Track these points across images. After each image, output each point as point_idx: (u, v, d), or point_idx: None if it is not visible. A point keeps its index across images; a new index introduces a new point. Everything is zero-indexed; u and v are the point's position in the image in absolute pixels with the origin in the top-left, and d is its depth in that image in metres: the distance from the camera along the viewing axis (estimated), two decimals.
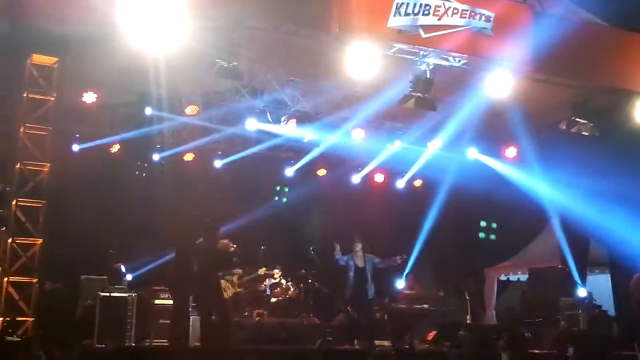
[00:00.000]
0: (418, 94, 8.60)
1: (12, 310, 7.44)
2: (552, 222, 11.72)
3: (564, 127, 9.47)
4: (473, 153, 11.69)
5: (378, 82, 8.72)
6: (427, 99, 8.67)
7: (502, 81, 8.41)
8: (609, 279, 12.03)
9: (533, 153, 10.77)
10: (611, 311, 11.41)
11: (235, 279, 9.80)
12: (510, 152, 11.36)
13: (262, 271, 10.31)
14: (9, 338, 6.82)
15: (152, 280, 9.29)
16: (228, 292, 9.60)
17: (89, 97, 8.87)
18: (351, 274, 9.28)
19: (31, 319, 7.47)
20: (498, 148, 11.51)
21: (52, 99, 7.93)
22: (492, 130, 10.87)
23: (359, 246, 9.44)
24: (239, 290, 9.88)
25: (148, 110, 9.56)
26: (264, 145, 11.07)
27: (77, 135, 9.94)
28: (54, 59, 7.89)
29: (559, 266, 11.54)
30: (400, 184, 12.81)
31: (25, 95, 7.91)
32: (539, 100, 9.32)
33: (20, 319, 7.48)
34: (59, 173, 7.96)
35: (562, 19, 8.60)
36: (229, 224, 10.01)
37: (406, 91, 8.68)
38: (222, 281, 9.45)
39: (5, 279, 7.56)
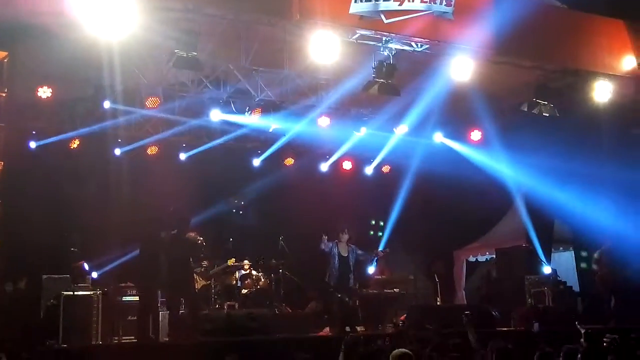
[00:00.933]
0: (382, 80, 8.63)
1: None
2: (517, 203, 11.96)
3: (525, 109, 9.63)
4: (439, 137, 11.80)
5: (342, 69, 8.72)
6: (391, 84, 8.70)
7: (464, 65, 8.51)
8: (573, 255, 12.37)
9: (496, 135, 10.93)
10: (576, 287, 11.72)
11: (203, 270, 9.69)
12: (475, 135, 11.50)
13: (231, 262, 10.23)
14: None
15: (118, 277, 9.12)
16: (197, 284, 9.50)
17: (44, 92, 8.58)
18: (335, 262, 9.29)
19: None
20: (463, 132, 11.65)
21: (3, 94, 7.66)
22: (457, 114, 10.99)
23: (345, 237, 9.45)
24: (207, 282, 9.79)
25: (107, 104, 9.31)
26: (229, 136, 10.92)
27: (34, 132, 9.60)
28: (4, 53, 7.62)
29: (524, 245, 11.78)
30: (369, 170, 12.86)
31: None
32: (500, 82, 9.47)
33: None
34: (15, 171, 7.70)
35: (522, 2, 8.72)
36: (195, 217, 9.91)
37: (370, 77, 8.69)
38: (200, 271, 9.38)
39: None
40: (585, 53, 9.20)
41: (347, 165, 12.72)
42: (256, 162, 12.02)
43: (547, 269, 11.50)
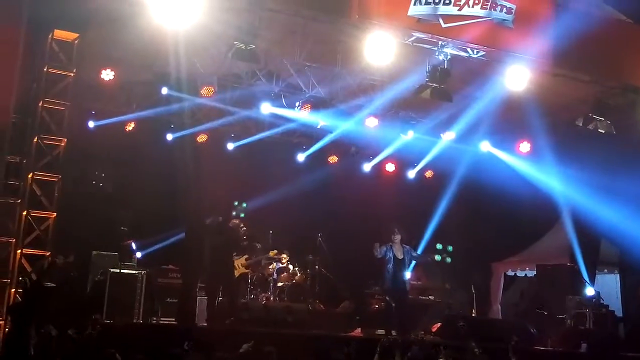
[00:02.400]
0: (435, 84, 8.57)
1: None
2: (563, 219, 11.66)
3: (580, 124, 9.38)
4: (486, 146, 11.62)
5: (395, 70, 8.71)
6: (444, 89, 8.63)
7: (520, 74, 8.36)
8: (618, 279, 11.97)
9: (548, 149, 10.68)
10: (619, 312, 11.35)
11: (243, 259, 9.84)
12: (524, 146, 11.28)
13: (273, 253, 10.32)
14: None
15: (162, 259, 9.35)
16: (236, 272, 9.65)
17: (107, 75, 8.89)
18: (390, 265, 9.07)
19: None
20: (512, 142, 11.43)
21: (72, 74, 7.98)
22: (507, 124, 10.79)
23: (397, 237, 9.25)
24: (246, 271, 9.92)
25: (164, 90, 9.58)
26: (277, 130, 11.05)
27: (93, 112, 9.96)
28: (75, 35, 7.92)
29: (568, 264, 11.47)
30: (411, 174, 12.79)
31: (45, 69, 7.96)
32: (556, 95, 9.24)
33: None
34: (75, 149, 8.02)
35: (584, 14, 8.51)
36: (238, 207, 10.11)
37: (423, 81, 8.65)
38: (239, 260, 9.53)
39: (19, 251, 7.66)
40: None
41: (390, 167, 12.68)
42: (301, 157, 12.12)
43: (590, 291, 11.15)
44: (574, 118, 9.50)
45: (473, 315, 11.11)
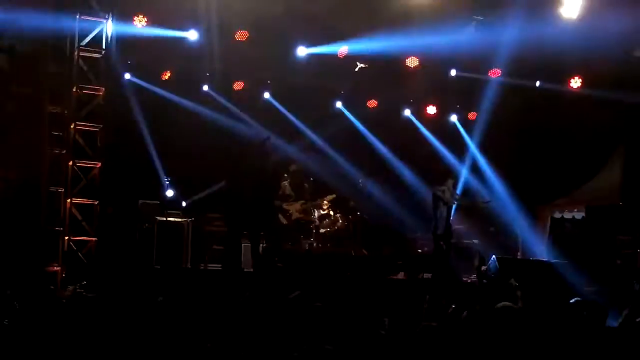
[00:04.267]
0: (479, 17, 8.10)
1: (76, 231, 7.71)
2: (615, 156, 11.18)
3: (638, 54, 8.77)
4: (534, 83, 11.05)
5: (437, 3, 8.20)
6: (489, 23, 8.15)
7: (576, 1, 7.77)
8: None
9: (601, 82, 10.09)
10: None
11: (299, 205, 9.80)
12: (575, 82, 10.69)
13: (330, 198, 10.22)
14: None
15: (207, 207, 9.41)
16: (291, 217, 9.63)
17: (140, 21, 8.71)
18: (443, 210, 9.00)
19: (94, 239, 7.73)
20: (562, 78, 10.85)
21: (104, 21, 7.82)
22: (558, 58, 10.16)
23: (450, 182, 9.18)
24: (300, 216, 9.91)
25: (194, 35, 9.35)
26: (313, 74, 10.75)
27: (130, 62, 9.85)
28: None
29: (619, 203, 11.08)
30: (454, 116, 12.37)
31: (77, 17, 7.82)
32: (612, 22, 8.58)
33: (84, 238, 7.76)
34: (115, 97, 7.97)
35: None
36: (280, 154, 9.99)
37: (467, 14, 8.18)
38: (285, 206, 9.52)
39: (68, 200, 7.79)
40: None
41: (431, 110, 12.28)
42: (339, 102, 11.84)
43: None
44: (633, 47, 8.86)
45: (519, 257, 10.92)
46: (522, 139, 11.62)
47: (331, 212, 10.66)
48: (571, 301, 5.73)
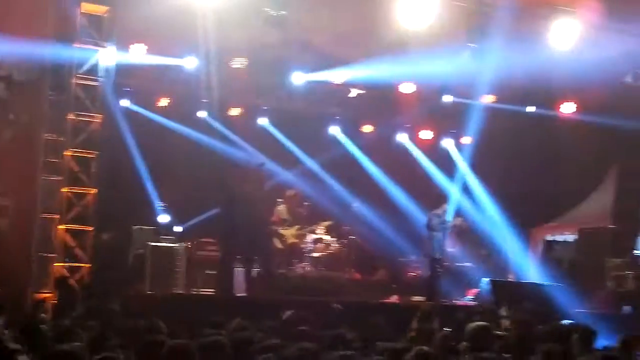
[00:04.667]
0: (474, 45, 8.25)
1: (69, 257, 7.73)
2: (607, 180, 11.31)
3: (629, 80, 8.95)
4: (528, 108, 11.21)
5: (432, 31, 8.35)
6: (483, 50, 8.31)
7: (567, 30, 7.94)
8: None
9: (593, 107, 10.26)
10: None
11: (294, 230, 9.87)
12: (567, 107, 10.85)
13: (325, 224, 10.29)
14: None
15: (200, 233, 9.45)
16: (286, 241, 9.69)
17: (138, 49, 8.82)
18: (439, 234, 9.21)
19: (88, 265, 7.74)
20: (554, 103, 11.01)
21: (102, 49, 7.93)
22: (550, 84, 10.35)
23: (445, 206, 9.46)
24: (296, 241, 9.97)
25: (194, 63, 9.47)
26: (309, 100, 10.88)
27: (127, 89, 9.96)
28: (105, 8, 7.83)
29: (610, 226, 11.19)
30: (447, 140, 12.50)
31: (75, 45, 7.92)
32: (602, 51, 8.77)
33: (77, 265, 7.77)
34: (111, 125, 8.03)
35: None
36: (275, 180, 10.08)
37: (462, 41, 8.34)
38: (280, 231, 9.58)
39: (62, 226, 7.81)
40: None
41: (426, 134, 12.41)
42: (335, 127, 11.96)
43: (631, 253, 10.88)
44: (622, 74, 9.04)
45: (511, 279, 10.98)
46: (515, 162, 11.75)
47: (325, 237, 10.72)
48: (562, 323, 5.81)
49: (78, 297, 6.93)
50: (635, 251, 10.93)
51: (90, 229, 7.87)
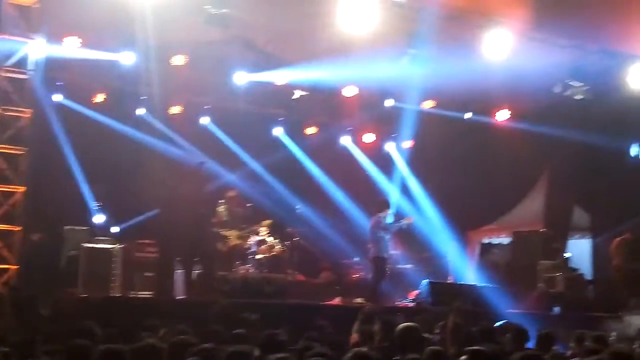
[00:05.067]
0: (413, 50, 8.44)
1: None
2: (538, 186, 11.84)
3: (558, 90, 9.41)
4: (465, 114, 11.60)
5: (373, 36, 8.49)
6: (422, 56, 8.51)
7: (500, 39, 8.26)
8: (590, 244, 12.27)
9: (526, 115, 10.73)
10: (590, 275, 11.66)
11: (237, 231, 9.71)
12: (503, 114, 11.29)
13: (266, 224, 10.20)
14: None
15: (138, 234, 9.16)
16: (228, 243, 9.54)
17: (72, 42, 8.46)
18: (386, 236, 9.30)
19: (15, 267, 7.34)
20: (490, 110, 11.43)
21: (32, 41, 7.56)
22: (486, 91, 10.76)
23: (387, 211, 9.50)
24: (239, 242, 9.82)
25: (132, 59, 9.19)
26: (252, 100, 10.79)
27: (59, 83, 9.53)
28: None
29: (542, 230, 11.70)
30: (390, 144, 12.73)
31: (1, 36, 7.52)
32: (534, 61, 9.19)
33: (3, 266, 7.36)
34: (42, 121, 7.66)
35: None
36: (216, 181, 9.93)
37: (402, 47, 8.51)
38: (222, 233, 9.42)
39: None
40: (625, 35, 8.89)
41: (369, 137, 12.58)
42: (278, 129, 11.93)
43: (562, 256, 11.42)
44: (552, 84, 9.50)
45: (450, 281, 11.27)
46: (454, 166, 12.10)
47: (268, 238, 10.64)
48: (497, 324, 6.00)
49: (5, 301, 6.55)
50: (565, 254, 11.50)
51: (18, 229, 7.46)
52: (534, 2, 8.10)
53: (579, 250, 12.30)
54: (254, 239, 10.41)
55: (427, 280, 10.29)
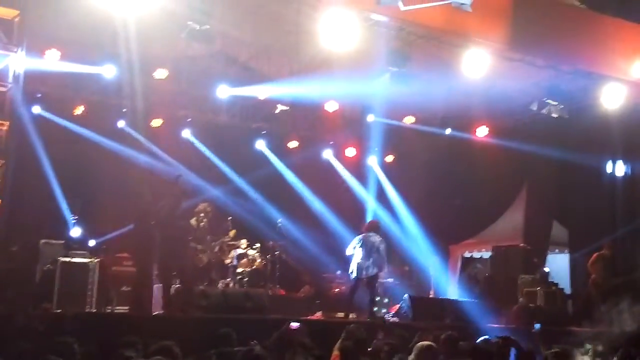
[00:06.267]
0: (394, 68, 8.54)
1: None
2: (517, 201, 11.99)
3: (534, 108, 9.59)
4: (445, 130, 11.75)
5: (354, 54, 8.59)
6: (403, 74, 8.61)
7: (478, 59, 8.41)
8: (568, 258, 12.42)
9: (504, 132, 10.89)
10: (568, 289, 11.79)
11: (217, 245, 9.66)
12: (482, 131, 11.45)
13: (232, 233, 10.17)
14: None
15: (116, 247, 9.07)
16: (208, 257, 9.50)
17: (52, 55, 8.43)
18: (363, 254, 9.28)
19: None
20: (469, 126, 11.59)
21: (13, 54, 7.52)
22: (466, 108, 10.92)
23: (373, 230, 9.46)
24: (217, 256, 9.76)
25: (113, 72, 9.18)
26: (234, 114, 10.82)
27: (39, 95, 9.47)
28: (15, 12, 7.45)
29: (521, 245, 11.82)
30: (372, 158, 12.83)
31: None
32: (511, 80, 9.38)
33: None
34: (20, 132, 7.60)
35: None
36: (196, 194, 9.88)
37: (382, 64, 8.61)
38: (200, 247, 9.36)
39: None
40: (599, 55, 9.12)
41: (350, 152, 12.67)
42: (260, 142, 11.95)
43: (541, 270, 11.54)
44: (530, 102, 9.68)
45: (431, 296, 11.31)
46: (435, 182, 12.22)
47: (249, 252, 10.61)
48: (478, 340, 6.03)
49: None
50: (544, 268, 11.62)
51: None
52: (510, 23, 8.26)
53: (558, 265, 12.45)
54: (234, 253, 10.39)
55: (408, 294, 10.35)
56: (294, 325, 6.41)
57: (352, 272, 9.51)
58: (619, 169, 11.17)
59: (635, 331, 9.25)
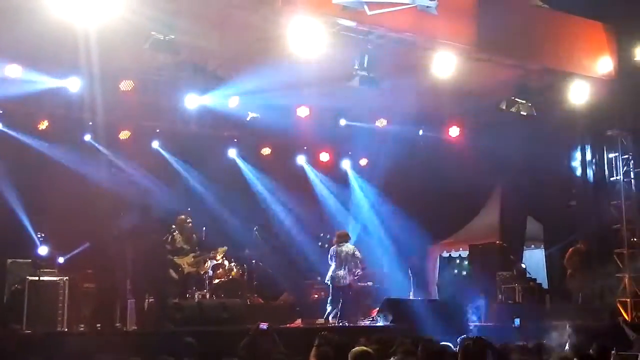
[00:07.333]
0: (363, 72, 8.53)
1: None
2: (491, 200, 12.08)
3: (503, 107, 9.67)
4: (417, 131, 11.78)
5: (322, 60, 8.55)
6: (372, 77, 8.61)
7: (446, 61, 8.45)
8: (544, 253, 12.56)
9: (474, 132, 10.96)
10: (545, 284, 11.91)
11: (190, 258, 9.52)
12: (454, 131, 11.52)
13: (222, 250, 10.05)
14: None
15: (85, 264, 8.86)
16: (183, 270, 9.36)
17: (13, 71, 8.21)
18: (336, 262, 9.71)
19: None
20: (441, 127, 11.65)
21: None
22: (436, 109, 10.96)
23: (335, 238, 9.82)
24: (193, 270, 9.62)
25: (78, 86, 8.98)
26: (204, 124, 10.69)
27: (0, 112, 9.21)
28: None
29: (497, 242, 11.91)
30: (346, 162, 12.79)
31: None
32: (480, 80, 9.45)
33: None
34: None
35: (506, 0, 8.71)
36: (167, 207, 9.73)
37: (351, 69, 8.59)
38: (176, 260, 9.22)
39: None
40: (564, 54, 9.27)
41: (324, 157, 12.63)
42: (232, 151, 11.83)
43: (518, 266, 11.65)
44: (499, 101, 9.76)
45: (410, 297, 11.32)
46: (411, 183, 12.25)
47: (225, 262, 10.48)
48: (459, 339, 6.01)
49: None
50: (521, 264, 11.73)
51: None
52: (477, 25, 8.31)
53: (534, 261, 12.58)
54: (210, 264, 10.24)
55: (387, 298, 10.33)
56: (263, 325, 6.43)
57: (327, 281, 9.76)
58: (588, 163, 11.38)
59: (610, 323, 9.45)
